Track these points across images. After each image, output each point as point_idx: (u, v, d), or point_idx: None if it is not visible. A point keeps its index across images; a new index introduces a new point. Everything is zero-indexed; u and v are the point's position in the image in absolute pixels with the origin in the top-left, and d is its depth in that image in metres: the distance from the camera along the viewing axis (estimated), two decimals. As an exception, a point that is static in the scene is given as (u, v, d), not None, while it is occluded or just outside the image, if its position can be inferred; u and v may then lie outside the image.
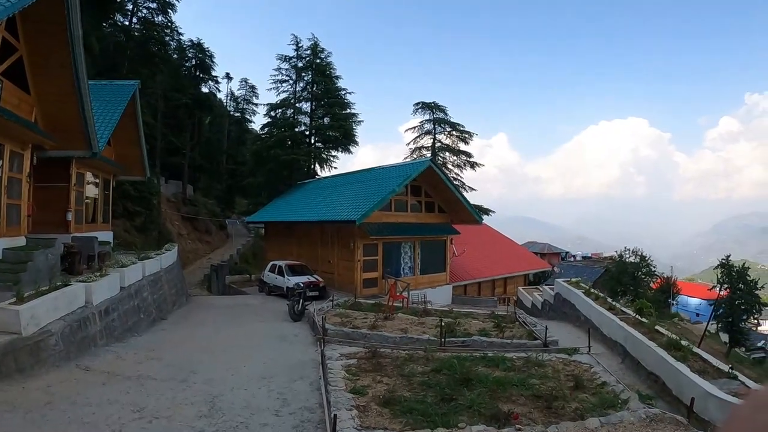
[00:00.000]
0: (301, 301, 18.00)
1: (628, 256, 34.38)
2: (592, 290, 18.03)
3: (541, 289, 26.86)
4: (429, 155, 52.81)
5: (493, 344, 12.72)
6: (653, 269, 34.28)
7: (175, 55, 51.00)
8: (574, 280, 20.35)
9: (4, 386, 7.69)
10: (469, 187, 54.72)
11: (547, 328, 13.73)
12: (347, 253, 25.56)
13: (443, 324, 13.37)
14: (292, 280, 23.11)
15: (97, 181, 22.96)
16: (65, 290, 10.28)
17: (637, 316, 14.17)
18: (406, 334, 13.48)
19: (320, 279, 24.42)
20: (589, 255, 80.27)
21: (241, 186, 57.64)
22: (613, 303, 15.96)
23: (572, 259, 70.84)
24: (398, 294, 19.32)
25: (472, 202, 33.08)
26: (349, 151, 52.07)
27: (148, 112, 41.05)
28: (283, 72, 52.18)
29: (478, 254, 36.00)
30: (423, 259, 27.87)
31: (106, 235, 22.31)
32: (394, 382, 8.89)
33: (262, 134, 55.62)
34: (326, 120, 50.80)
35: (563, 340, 13.95)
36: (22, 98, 14.62)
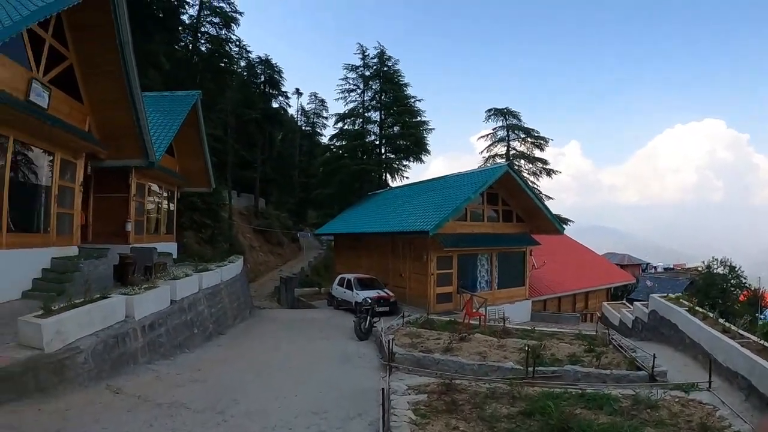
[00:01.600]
0: (368, 318, 16.53)
1: (716, 266, 31.28)
2: (699, 308, 15.65)
3: (629, 305, 24.45)
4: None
5: (589, 375, 10.72)
6: (744, 281, 31.08)
7: (244, 73, 51.37)
8: (673, 295, 18.04)
9: (20, 406, 6.86)
10: (545, 195, 52.05)
11: (654, 357, 11.69)
12: (420, 266, 24.12)
13: (528, 348, 11.52)
14: (361, 295, 21.58)
15: (160, 191, 22.64)
16: (101, 303, 9.40)
17: (762, 341, 11.81)
18: (485, 360, 11.65)
19: (391, 293, 22.90)
20: (671, 266, 75.78)
21: (312, 198, 56.90)
22: (728, 324, 13.57)
23: (653, 270, 66.99)
24: (474, 311, 17.68)
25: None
26: (421, 160, 50.24)
27: (219, 127, 41.35)
28: (351, 81, 51.22)
29: (557, 266, 33.45)
30: (500, 272, 26.06)
31: (169, 247, 21.97)
32: (473, 429, 7.22)
33: (331, 145, 54.76)
34: (396, 129, 49.41)
35: (666, 368, 11.97)
36: (74, 107, 14.16)
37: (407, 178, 49.16)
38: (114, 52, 13.81)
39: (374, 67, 50.26)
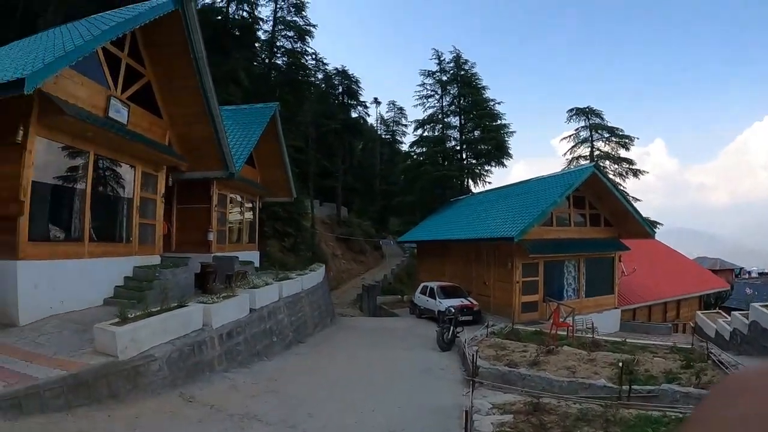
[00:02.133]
0: (451, 328, 16.03)
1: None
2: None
3: (725, 314, 22.52)
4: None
5: (688, 396, 9.59)
6: None
7: (322, 85, 52.13)
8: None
9: (91, 411, 7.04)
10: (633, 197, 49.38)
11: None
12: (504, 274, 23.38)
13: (621, 364, 10.61)
14: (444, 303, 20.97)
15: (242, 201, 23.12)
16: (177, 312, 9.61)
17: None
18: (575, 376, 10.84)
19: (475, 302, 22.36)
20: (766, 270, 70.08)
21: (394, 206, 56.86)
22: None
23: (747, 275, 62.29)
24: (562, 321, 16.84)
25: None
26: (503, 165, 49.20)
27: (300, 138, 42.03)
28: (428, 87, 51.08)
29: (646, 272, 31.24)
30: (588, 280, 24.84)
31: (251, 256, 22.26)
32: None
33: (412, 152, 54.75)
34: (477, 133, 48.82)
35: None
36: (154, 122, 14.69)
37: (489, 183, 47.93)
38: (190, 67, 14.26)
39: (451, 71, 49.96)
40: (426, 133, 51.21)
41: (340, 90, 57.44)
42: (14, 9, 35.48)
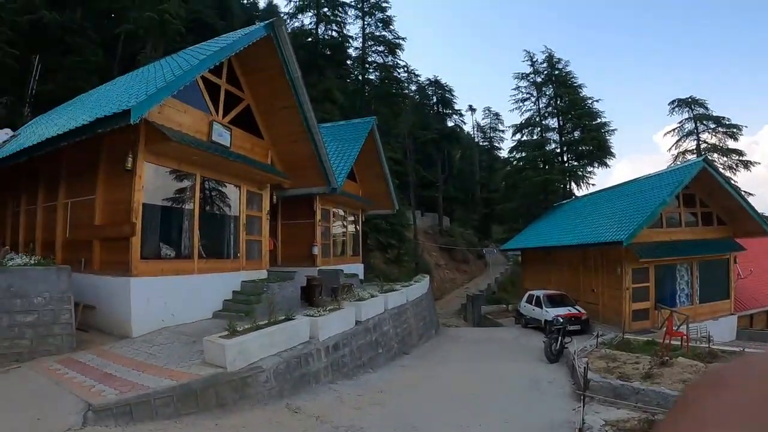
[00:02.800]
0: (559, 338, 15.35)
1: None
2: None
3: None
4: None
5: None
6: None
7: (416, 96, 52.45)
8: None
9: (199, 420, 7.33)
10: (745, 191, 45.50)
11: None
12: (613, 280, 22.17)
13: None
14: (551, 313, 20.31)
15: (345, 215, 23.71)
16: (284, 325, 9.86)
17: None
18: None
19: (583, 311, 21.49)
20: None
21: (496, 214, 56.04)
22: None
23: None
24: (675, 329, 15.84)
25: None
26: (606, 165, 47.37)
27: (398, 150, 42.51)
28: (523, 90, 50.14)
29: (763, 274, 28.49)
30: (702, 284, 23.08)
31: (356, 268, 22.73)
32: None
33: (511, 158, 53.59)
34: (576, 134, 47.21)
35: None
36: (255, 143, 15.37)
37: (593, 185, 46.10)
38: (286, 89, 14.83)
39: (545, 72, 48.97)
40: (524, 138, 50.09)
41: (435, 100, 57.82)
42: (115, 48, 38.30)
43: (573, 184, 47.37)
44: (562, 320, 16.87)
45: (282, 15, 49.76)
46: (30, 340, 8.59)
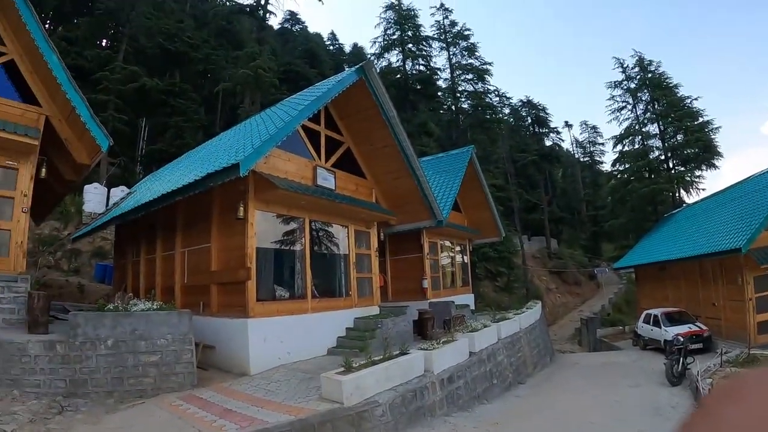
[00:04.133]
0: (680, 359, 14.42)
1: None
2: None
3: None
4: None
5: None
6: None
7: (510, 119, 52.15)
8: None
9: None
10: None
11: None
12: (734, 291, 20.59)
13: None
14: (670, 332, 19.05)
15: (452, 246, 23.79)
16: (399, 360, 9.98)
17: None
18: None
19: (704, 327, 20.07)
20: None
21: (604, 231, 54.26)
22: None
23: None
24: None
25: None
26: (714, 166, 43.91)
27: (499, 176, 42.28)
28: (618, 99, 48.50)
29: None
30: None
31: (466, 299, 22.73)
32: None
33: (614, 171, 51.79)
34: (679, 137, 44.41)
35: None
36: (359, 183, 15.90)
37: (703, 190, 43.03)
38: (384, 128, 15.25)
39: (637, 77, 47.12)
40: (626, 148, 48.08)
41: (529, 120, 57.38)
42: (215, 104, 40.77)
43: (682, 191, 44.44)
44: (682, 339, 15.82)
45: (369, 56, 51.38)
46: (153, 378, 9.15)
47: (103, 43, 42.39)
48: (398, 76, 45.61)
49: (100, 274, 23.36)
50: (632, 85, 47.65)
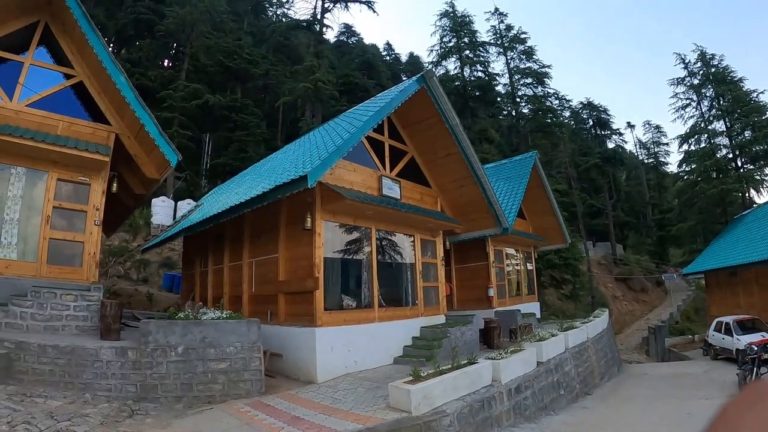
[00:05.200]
0: (754, 369, 13.85)
1: None
2: None
3: None
4: None
5: None
6: None
7: (571, 122, 51.31)
8: None
9: None
10: None
11: None
12: None
13: None
14: (742, 340, 18.18)
15: (517, 255, 23.56)
16: (467, 369, 9.87)
17: None
18: None
19: None
20: None
21: (672, 235, 52.10)
22: None
23: None
24: None
25: None
26: None
27: (561, 181, 41.65)
28: (681, 97, 46.80)
29: None
30: None
31: (532, 307, 22.44)
32: None
33: (680, 172, 49.76)
34: (747, 134, 42.05)
35: None
36: (424, 192, 15.92)
37: None
38: (447, 136, 15.20)
39: (700, 72, 45.24)
40: (691, 147, 46.06)
41: (590, 123, 56.19)
42: (276, 117, 41.71)
43: (752, 191, 42.65)
44: (756, 348, 14.86)
45: (426, 65, 51.60)
46: (222, 384, 9.32)
47: (166, 63, 43.93)
48: (457, 83, 45.55)
49: (168, 283, 24.13)
50: (695, 81, 45.88)
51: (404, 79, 59.14)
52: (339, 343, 11.57)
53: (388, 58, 71.28)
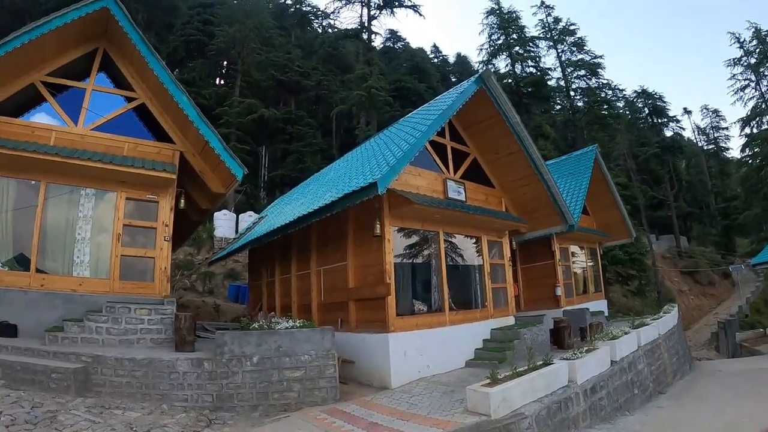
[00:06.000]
0: None
1: None
2: None
3: None
4: None
5: None
6: None
7: (626, 112, 50.14)
8: None
9: None
10: None
11: None
12: None
13: None
14: None
15: (583, 251, 23.12)
16: (543, 371, 9.74)
17: None
18: None
19: None
20: None
21: (737, 224, 50.69)
22: None
23: None
24: None
25: None
26: None
27: (621, 173, 40.83)
28: (739, 78, 45.56)
29: None
30: None
31: (599, 305, 21.92)
32: None
33: (744, 157, 48.34)
34: None
35: None
36: (488, 192, 15.83)
37: None
38: (508, 135, 15.03)
39: (756, 50, 43.82)
40: (754, 131, 44.82)
41: (646, 111, 54.72)
42: (330, 126, 42.27)
43: None
44: None
45: (475, 64, 51.28)
46: (297, 392, 9.42)
47: (218, 81, 45.02)
48: (509, 80, 45.08)
49: (233, 294, 24.63)
50: (752, 60, 44.49)
51: (454, 80, 59.20)
52: (411, 347, 11.57)
53: (435, 60, 71.18)
